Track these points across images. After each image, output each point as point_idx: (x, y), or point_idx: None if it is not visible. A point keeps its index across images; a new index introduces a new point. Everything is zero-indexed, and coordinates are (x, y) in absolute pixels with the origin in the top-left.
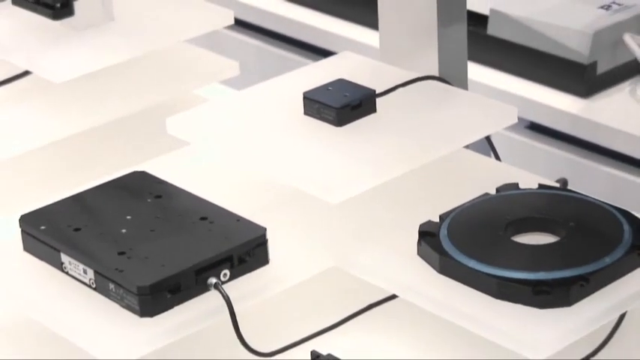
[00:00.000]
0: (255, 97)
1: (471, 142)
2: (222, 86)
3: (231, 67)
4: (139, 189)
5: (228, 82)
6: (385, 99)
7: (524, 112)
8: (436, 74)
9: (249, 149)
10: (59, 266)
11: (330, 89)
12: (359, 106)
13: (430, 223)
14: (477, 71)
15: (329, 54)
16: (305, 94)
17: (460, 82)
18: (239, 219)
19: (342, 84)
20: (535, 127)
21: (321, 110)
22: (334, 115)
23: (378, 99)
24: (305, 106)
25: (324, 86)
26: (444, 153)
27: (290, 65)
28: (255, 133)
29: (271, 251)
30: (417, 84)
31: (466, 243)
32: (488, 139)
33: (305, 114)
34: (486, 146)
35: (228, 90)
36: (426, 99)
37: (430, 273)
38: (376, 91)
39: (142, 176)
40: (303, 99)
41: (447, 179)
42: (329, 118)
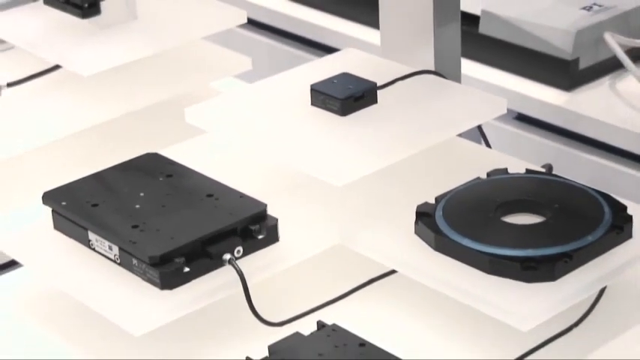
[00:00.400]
0: (266, 90)
1: (464, 130)
2: (236, 80)
3: (244, 62)
4: (152, 169)
5: (241, 76)
6: (385, 91)
7: (512, 103)
8: (432, 69)
9: (260, 136)
10: (87, 243)
11: (335, 82)
12: (361, 98)
13: (426, 204)
14: (469, 67)
15: (334, 51)
16: (312, 86)
17: (454, 76)
18: (242, 196)
19: (346, 77)
20: (522, 118)
21: (327, 101)
22: (339, 106)
23: (379, 91)
24: (312, 98)
25: (329, 79)
26: (439, 140)
27: (298, 61)
28: (266, 122)
29: (281, 230)
30: (415, 78)
31: (460, 223)
32: (479, 128)
33: (312, 105)
34: (478, 135)
35: (241, 83)
36: (423, 91)
37: (426, 250)
38: (377, 84)
39: (154, 157)
40: (310, 91)
41: (442, 164)
42: (334, 108)
